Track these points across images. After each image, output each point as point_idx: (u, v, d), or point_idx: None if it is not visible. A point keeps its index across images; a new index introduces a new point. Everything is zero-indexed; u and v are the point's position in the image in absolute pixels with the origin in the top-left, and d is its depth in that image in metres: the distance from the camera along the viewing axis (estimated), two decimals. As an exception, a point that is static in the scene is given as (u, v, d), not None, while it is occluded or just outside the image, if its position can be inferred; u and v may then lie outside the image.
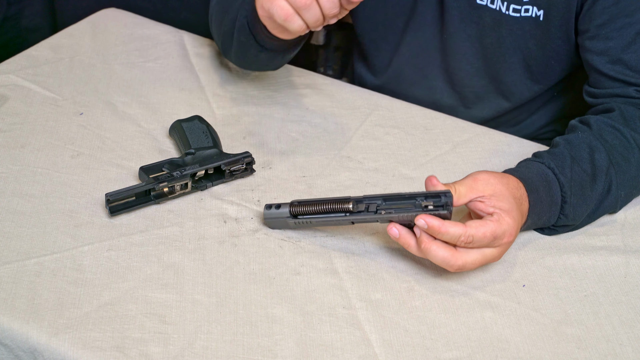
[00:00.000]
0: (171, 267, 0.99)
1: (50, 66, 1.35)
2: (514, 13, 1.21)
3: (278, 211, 1.03)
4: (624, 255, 1.04)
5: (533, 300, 0.98)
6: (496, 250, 0.96)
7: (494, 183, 0.97)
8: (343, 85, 1.36)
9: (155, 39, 1.43)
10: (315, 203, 1.01)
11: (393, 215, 0.96)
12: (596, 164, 1.05)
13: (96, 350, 0.89)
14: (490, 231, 0.94)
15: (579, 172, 1.04)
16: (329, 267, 1.01)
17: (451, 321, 0.95)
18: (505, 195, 0.97)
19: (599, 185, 1.05)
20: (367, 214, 0.98)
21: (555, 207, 1.03)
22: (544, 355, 0.91)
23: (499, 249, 0.96)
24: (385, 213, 0.97)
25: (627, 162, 1.07)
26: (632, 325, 0.95)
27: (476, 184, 0.97)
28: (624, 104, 1.14)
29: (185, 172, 1.08)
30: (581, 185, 1.04)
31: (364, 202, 0.99)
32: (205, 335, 0.91)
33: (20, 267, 0.98)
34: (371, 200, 0.99)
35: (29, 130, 1.20)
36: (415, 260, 1.02)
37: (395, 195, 0.98)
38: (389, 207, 0.97)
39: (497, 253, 0.97)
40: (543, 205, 1.02)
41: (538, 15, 1.20)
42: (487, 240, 0.95)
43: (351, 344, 0.91)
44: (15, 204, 1.07)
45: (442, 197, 0.95)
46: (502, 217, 0.95)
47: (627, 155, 1.08)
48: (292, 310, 0.95)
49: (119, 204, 1.05)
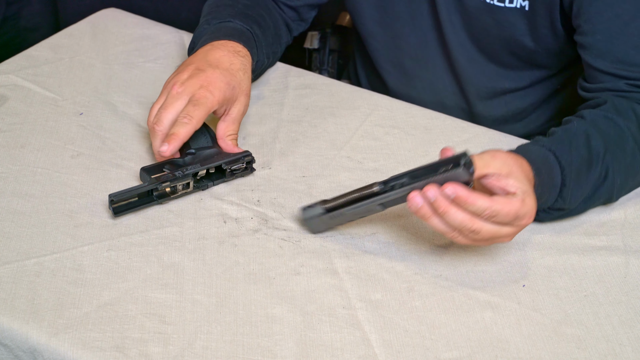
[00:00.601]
0: (171, 267, 0.99)
1: (50, 66, 1.35)
2: (498, 3, 1.22)
3: (313, 209, 1.03)
4: (624, 255, 1.04)
5: (533, 300, 0.98)
6: (511, 229, 0.95)
7: (511, 164, 0.96)
8: (343, 85, 1.36)
9: (155, 39, 1.43)
10: (345, 195, 1.00)
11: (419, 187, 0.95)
12: (592, 150, 1.05)
13: (96, 350, 0.89)
14: (514, 210, 0.93)
15: (576, 156, 1.04)
16: (329, 267, 1.01)
17: (451, 321, 0.95)
18: (521, 177, 0.96)
19: (596, 170, 1.05)
20: (395, 192, 0.96)
21: (554, 189, 1.02)
22: (544, 355, 0.91)
23: (514, 229, 0.95)
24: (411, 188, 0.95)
25: (622, 150, 1.07)
26: (632, 325, 0.95)
27: (494, 161, 0.96)
28: (616, 97, 1.14)
29: (187, 171, 1.08)
30: (578, 170, 1.03)
31: (389, 183, 0.97)
32: (205, 335, 0.91)
33: (20, 267, 0.98)
34: (397, 179, 0.96)
35: (29, 130, 1.20)
36: (415, 260, 1.02)
37: (420, 170, 0.95)
38: (415, 182, 0.95)
39: (512, 232, 0.95)
40: (544, 188, 1.01)
41: (523, 5, 1.21)
42: (509, 219, 0.94)
43: (351, 344, 0.91)
44: (15, 204, 1.07)
45: (461, 159, 0.92)
46: (526, 199, 0.94)
47: (622, 144, 1.08)
48: (292, 310, 0.95)
49: (122, 205, 1.05)
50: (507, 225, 0.95)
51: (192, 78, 1.11)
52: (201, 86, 1.10)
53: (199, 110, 1.08)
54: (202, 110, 1.08)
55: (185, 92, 1.10)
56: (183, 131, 1.07)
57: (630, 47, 1.13)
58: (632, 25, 1.12)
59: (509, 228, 0.95)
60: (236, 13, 1.26)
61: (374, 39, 1.40)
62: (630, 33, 1.12)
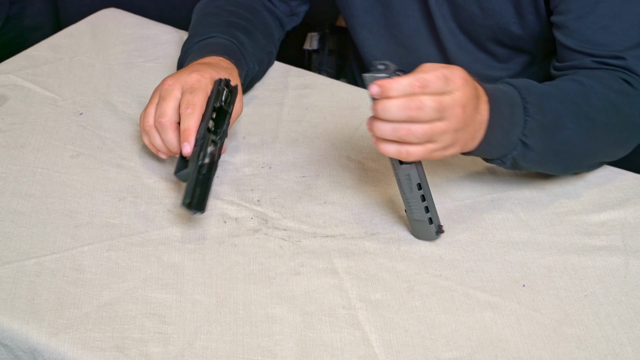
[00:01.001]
0: (171, 267, 0.99)
1: (50, 66, 1.35)
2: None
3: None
4: (624, 255, 1.04)
5: (533, 300, 0.98)
6: (445, 123, 0.92)
7: (440, 66, 0.94)
8: (343, 85, 1.36)
9: (155, 39, 1.43)
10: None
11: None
12: (553, 105, 1.06)
13: (96, 350, 0.89)
14: (441, 72, 0.91)
15: (534, 86, 1.06)
16: (329, 267, 1.01)
17: (451, 321, 0.95)
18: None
19: (559, 114, 1.05)
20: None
21: (517, 108, 1.02)
22: (544, 355, 0.91)
23: (449, 121, 0.93)
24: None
25: (587, 103, 1.08)
26: (632, 325, 0.95)
27: (421, 67, 0.94)
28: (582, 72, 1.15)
29: (200, 132, 1.05)
30: (540, 103, 1.04)
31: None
32: (205, 335, 0.91)
33: (20, 267, 0.98)
34: None
35: (29, 130, 1.20)
36: (415, 260, 1.02)
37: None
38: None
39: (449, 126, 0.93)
40: (502, 105, 1.00)
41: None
42: (441, 83, 0.91)
43: (351, 344, 0.91)
44: (15, 204, 1.07)
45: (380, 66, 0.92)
46: (453, 67, 0.93)
47: (585, 95, 1.09)
48: (292, 310, 0.95)
49: (196, 201, 1.01)
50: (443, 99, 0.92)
51: (180, 72, 1.12)
52: (191, 72, 1.10)
53: (197, 96, 1.07)
54: (200, 94, 1.07)
55: (177, 82, 1.09)
56: (192, 122, 1.06)
57: (599, 27, 1.14)
58: (601, 6, 1.13)
59: (444, 121, 0.92)
60: (220, 24, 1.26)
61: (367, 30, 1.39)
62: (600, 13, 1.13)
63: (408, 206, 1.01)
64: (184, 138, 1.05)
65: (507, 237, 1.06)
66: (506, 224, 1.08)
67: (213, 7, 1.32)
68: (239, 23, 1.28)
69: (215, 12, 1.30)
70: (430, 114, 0.91)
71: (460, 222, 1.08)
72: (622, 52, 1.14)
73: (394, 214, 1.08)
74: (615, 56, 1.14)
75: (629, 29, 1.14)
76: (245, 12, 1.31)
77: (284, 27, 1.39)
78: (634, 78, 1.13)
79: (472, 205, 1.11)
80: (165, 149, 1.09)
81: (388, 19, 1.36)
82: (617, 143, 1.13)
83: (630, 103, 1.12)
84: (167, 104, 1.08)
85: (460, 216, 1.09)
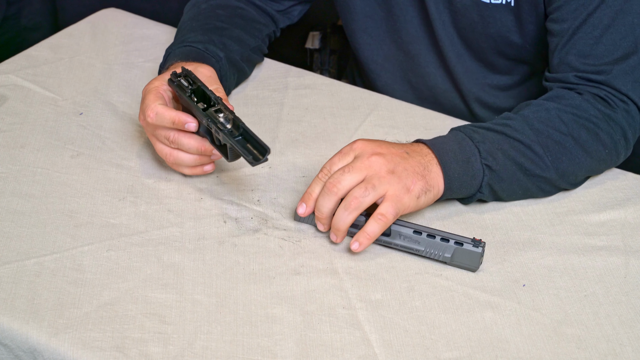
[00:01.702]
0: (171, 267, 0.99)
1: (50, 66, 1.35)
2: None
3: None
4: (624, 255, 1.04)
5: (533, 300, 0.98)
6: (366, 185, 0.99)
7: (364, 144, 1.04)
8: (343, 85, 1.36)
9: (155, 39, 1.43)
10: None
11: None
12: (510, 124, 1.09)
13: (96, 350, 0.89)
14: (344, 150, 1.03)
15: (482, 127, 1.09)
16: (329, 267, 1.01)
17: (451, 321, 0.95)
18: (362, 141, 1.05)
19: (516, 141, 1.07)
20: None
21: (464, 140, 1.06)
22: (544, 355, 0.91)
23: (368, 184, 1.00)
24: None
25: (550, 127, 1.09)
26: (632, 325, 0.95)
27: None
28: (564, 89, 1.15)
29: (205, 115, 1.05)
30: (497, 140, 1.07)
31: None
32: (205, 335, 0.91)
33: (20, 267, 0.98)
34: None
35: (29, 130, 1.20)
36: (415, 260, 1.02)
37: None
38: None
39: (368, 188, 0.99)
40: (453, 149, 1.05)
41: (509, 1, 1.21)
42: (341, 158, 1.03)
43: (351, 344, 0.91)
44: (15, 204, 1.07)
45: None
46: (355, 142, 1.04)
47: (548, 121, 1.09)
48: (292, 310, 0.95)
49: (256, 151, 1.02)
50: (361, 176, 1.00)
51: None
52: (142, 96, 1.11)
53: (146, 100, 1.08)
54: (148, 96, 1.08)
55: (142, 114, 1.09)
56: (169, 111, 1.06)
57: (590, 37, 1.13)
58: (595, 16, 1.13)
59: (363, 185, 0.99)
60: (195, 29, 1.26)
61: (368, 34, 1.39)
62: (593, 23, 1.13)
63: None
64: (180, 124, 1.06)
65: (507, 237, 1.06)
66: (506, 224, 1.08)
67: (193, 12, 1.32)
68: (215, 25, 1.27)
69: (193, 16, 1.30)
70: (346, 178, 1.00)
71: (460, 223, 1.08)
72: (607, 66, 1.13)
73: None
74: (599, 71, 1.13)
75: (621, 39, 1.12)
76: (224, 12, 1.30)
77: (277, 24, 1.39)
78: (614, 95, 1.12)
79: (472, 205, 1.11)
80: (193, 156, 1.09)
81: (389, 24, 1.35)
82: (598, 158, 1.12)
83: (607, 122, 1.11)
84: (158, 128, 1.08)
85: (461, 216, 1.09)
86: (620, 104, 1.12)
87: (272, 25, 1.37)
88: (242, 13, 1.32)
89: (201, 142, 1.07)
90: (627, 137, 1.13)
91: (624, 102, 1.12)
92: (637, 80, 1.13)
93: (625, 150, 1.14)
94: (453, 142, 1.06)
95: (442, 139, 1.07)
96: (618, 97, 1.12)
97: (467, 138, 1.07)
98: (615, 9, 1.12)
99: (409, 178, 1.01)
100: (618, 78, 1.13)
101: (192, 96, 1.07)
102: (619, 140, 1.12)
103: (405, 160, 1.02)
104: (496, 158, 1.06)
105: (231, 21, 1.29)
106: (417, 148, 1.05)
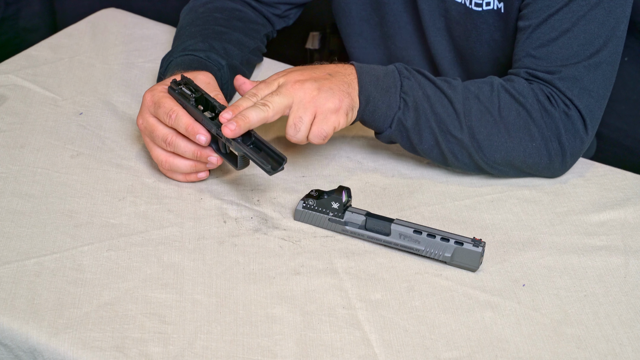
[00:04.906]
0: (171, 267, 0.99)
1: (49, 66, 1.35)
2: (476, 7, 1.22)
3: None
4: (624, 255, 1.04)
5: (533, 300, 0.98)
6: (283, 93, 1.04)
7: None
8: (343, 85, 1.36)
9: (155, 39, 1.43)
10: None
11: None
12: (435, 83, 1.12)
13: (96, 350, 0.89)
14: (261, 83, 1.06)
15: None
16: (329, 267, 1.01)
17: (451, 321, 0.95)
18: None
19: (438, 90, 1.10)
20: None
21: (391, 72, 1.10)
22: (544, 355, 0.91)
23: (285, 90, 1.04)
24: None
25: (476, 97, 1.11)
26: (632, 325, 0.95)
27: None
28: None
29: (213, 123, 1.05)
30: (424, 84, 1.11)
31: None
32: (205, 335, 0.91)
33: (20, 267, 0.98)
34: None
35: (29, 130, 1.20)
36: (415, 260, 1.02)
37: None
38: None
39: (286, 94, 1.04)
40: (377, 75, 1.09)
41: (499, 7, 1.21)
42: (264, 85, 1.06)
43: (351, 344, 0.91)
44: (15, 204, 1.07)
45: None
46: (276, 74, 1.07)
47: (479, 90, 1.12)
48: (292, 310, 0.95)
49: (273, 160, 1.02)
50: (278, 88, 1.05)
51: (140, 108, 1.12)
52: (142, 106, 1.11)
53: (165, 103, 1.08)
54: (165, 101, 1.08)
55: (141, 118, 1.10)
56: (186, 119, 1.06)
57: (546, 38, 1.13)
58: (556, 18, 1.12)
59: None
60: (193, 34, 1.25)
61: (363, 38, 1.39)
62: (552, 24, 1.13)
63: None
64: (192, 133, 1.05)
65: (507, 237, 1.06)
66: (506, 224, 1.08)
67: (190, 17, 1.31)
68: (214, 30, 1.27)
69: (191, 21, 1.29)
70: (275, 99, 1.04)
71: (460, 223, 1.08)
72: (557, 67, 1.12)
73: (396, 213, 1.08)
74: (549, 71, 1.13)
75: (578, 46, 1.12)
76: (222, 15, 1.30)
77: (274, 26, 1.39)
78: (558, 96, 1.12)
79: (472, 205, 1.11)
80: (188, 163, 1.10)
81: (383, 30, 1.36)
82: (523, 147, 1.11)
83: (542, 115, 1.11)
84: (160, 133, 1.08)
85: (460, 216, 1.09)
86: (562, 105, 1.12)
87: (269, 26, 1.37)
88: (240, 15, 1.32)
89: (197, 147, 1.07)
90: (561, 141, 1.11)
91: (566, 105, 1.12)
92: (585, 89, 1.12)
93: (559, 158, 1.12)
94: (380, 70, 1.11)
95: (373, 66, 1.11)
96: (561, 99, 1.12)
97: (396, 71, 1.11)
98: (578, 15, 1.11)
99: (336, 96, 1.05)
100: (565, 81, 1.12)
101: (197, 105, 1.07)
102: (550, 139, 1.11)
103: (329, 80, 1.06)
104: (415, 97, 1.09)
105: (230, 24, 1.29)
106: (342, 69, 1.10)
